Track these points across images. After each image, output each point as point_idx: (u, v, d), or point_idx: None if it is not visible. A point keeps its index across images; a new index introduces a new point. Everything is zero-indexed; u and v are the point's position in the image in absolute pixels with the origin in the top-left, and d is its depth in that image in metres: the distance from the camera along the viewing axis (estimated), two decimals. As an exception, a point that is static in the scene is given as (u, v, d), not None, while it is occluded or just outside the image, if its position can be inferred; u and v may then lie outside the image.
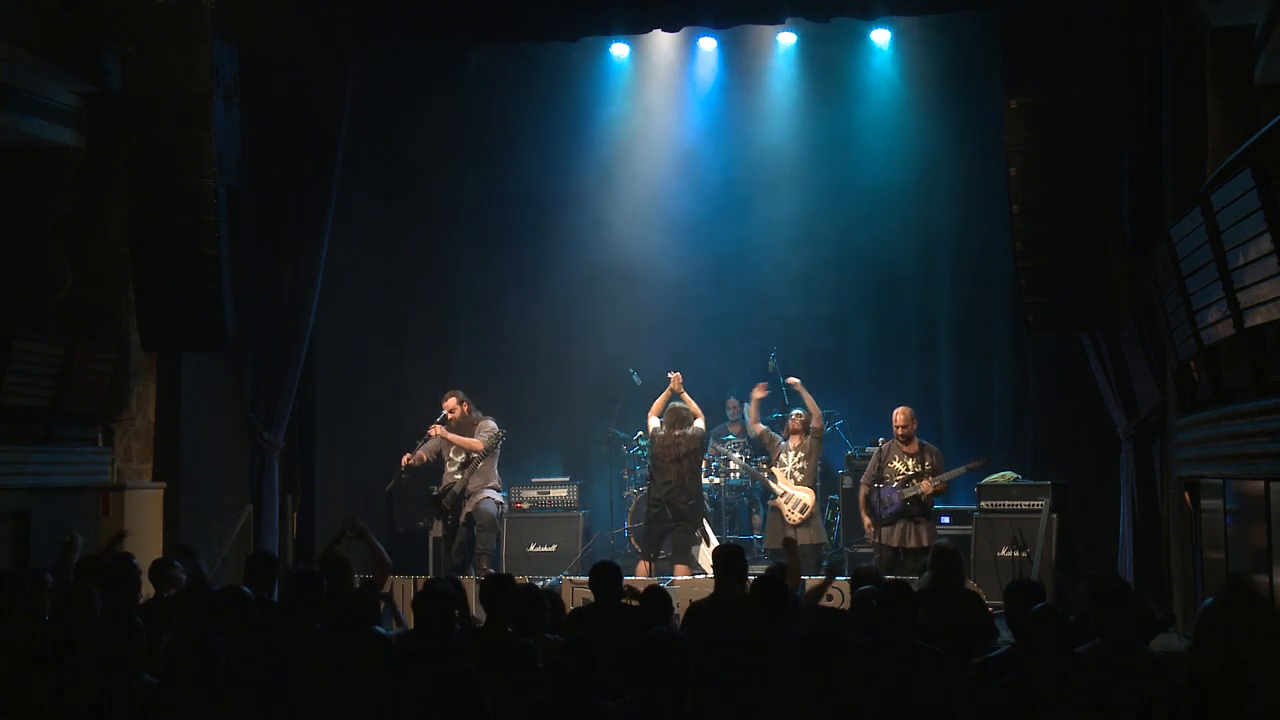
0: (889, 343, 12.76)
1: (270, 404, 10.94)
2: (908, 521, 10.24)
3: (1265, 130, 6.64)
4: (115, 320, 10.51)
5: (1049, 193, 9.34)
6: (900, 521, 10.24)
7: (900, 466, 10.32)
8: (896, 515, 10.24)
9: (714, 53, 12.78)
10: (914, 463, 10.31)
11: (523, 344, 12.89)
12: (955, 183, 12.18)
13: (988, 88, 10.38)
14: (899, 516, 10.24)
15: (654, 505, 10.60)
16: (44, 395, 9.58)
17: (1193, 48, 9.13)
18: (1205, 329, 7.12)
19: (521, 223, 13.01)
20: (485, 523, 10.70)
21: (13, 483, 9.27)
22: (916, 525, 10.24)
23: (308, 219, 10.90)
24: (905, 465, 10.32)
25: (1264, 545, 6.76)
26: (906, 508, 10.22)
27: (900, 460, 10.35)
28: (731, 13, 10.65)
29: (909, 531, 10.21)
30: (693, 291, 12.68)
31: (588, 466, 12.84)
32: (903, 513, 10.23)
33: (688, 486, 10.52)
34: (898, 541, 10.22)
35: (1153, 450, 9.81)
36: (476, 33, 11.09)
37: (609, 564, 6.92)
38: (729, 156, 12.75)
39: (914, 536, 10.20)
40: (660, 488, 10.55)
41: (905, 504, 10.22)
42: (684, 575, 10.31)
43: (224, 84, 9.79)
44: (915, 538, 10.19)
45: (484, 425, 10.89)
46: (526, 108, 12.84)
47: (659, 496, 10.55)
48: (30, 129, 10.19)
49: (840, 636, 3.88)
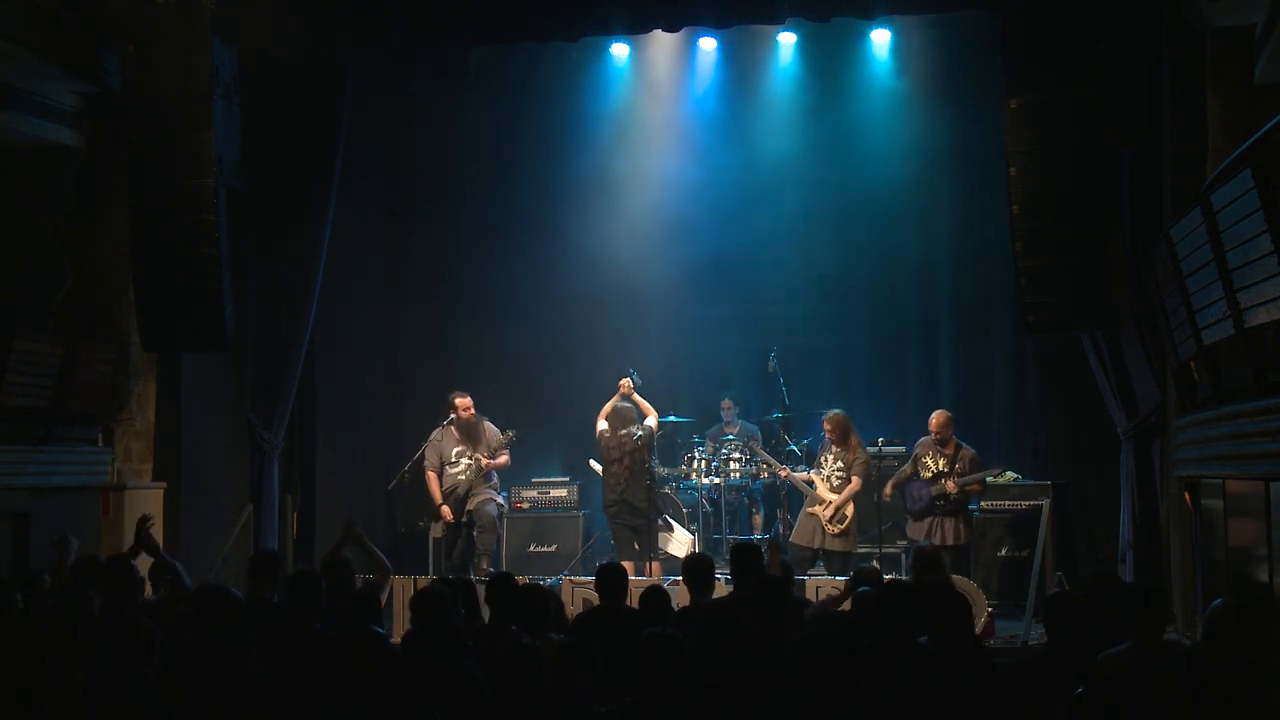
0: (889, 343, 12.75)
1: (270, 404, 10.94)
2: (935, 518, 10.26)
3: (1265, 130, 6.63)
4: (115, 320, 10.51)
5: (1049, 193, 9.34)
6: (928, 518, 10.27)
7: (931, 464, 10.37)
8: (925, 511, 10.27)
9: (714, 53, 12.77)
10: (945, 462, 10.33)
11: (523, 344, 12.89)
12: (955, 182, 12.17)
13: (988, 88, 10.38)
14: (927, 512, 10.27)
15: (610, 507, 10.79)
16: (44, 395, 9.58)
17: (1193, 48, 9.12)
18: (1205, 329, 7.12)
19: (521, 222, 13.01)
20: (486, 523, 10.71)
21: (13, 483, 9.28)
22: (944, 522, 10.26)
23: (308, 219, 10.90)
24: (937, 464, 10.35)
25: (1264, 545, 6.76)
26: (935, 504, 10.25)
27: (933, 458, 10.38)
28: (731, 13, 10.65)
29: (935, 527, 10.24)
30: (693, 291, 12.67)
31: (588, 466, 12.82)
32: (930, 509, 10.27)
33: (637, 483, 10.60)
34: (924, 536, 10.24)
35: (1153, 450, 9.81)
36: (476, 33, 11.08)
37: (615, 565, 6.92)
38: (729, 157, 12.72)
39: (940, 533, 10.22)
40: (612, 489, 10.72)
41: (934, 501, 10.25)
42: (659, 573, 10.39)
43: (224, 84, 9.79)
44: (941, 534, 10.21)
45: (491, 431, 10.91)
46: (526, 107, 12.83)
47: (613, 498, 10.72)
48: (30, 129, 10.19)
49: (843, 639, 3.89)
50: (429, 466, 10.90)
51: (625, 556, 10.61)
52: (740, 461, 11.72)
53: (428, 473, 10.89)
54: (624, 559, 10.54)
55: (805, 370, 12.66)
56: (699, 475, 11.73)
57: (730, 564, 6.92)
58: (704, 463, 11.76)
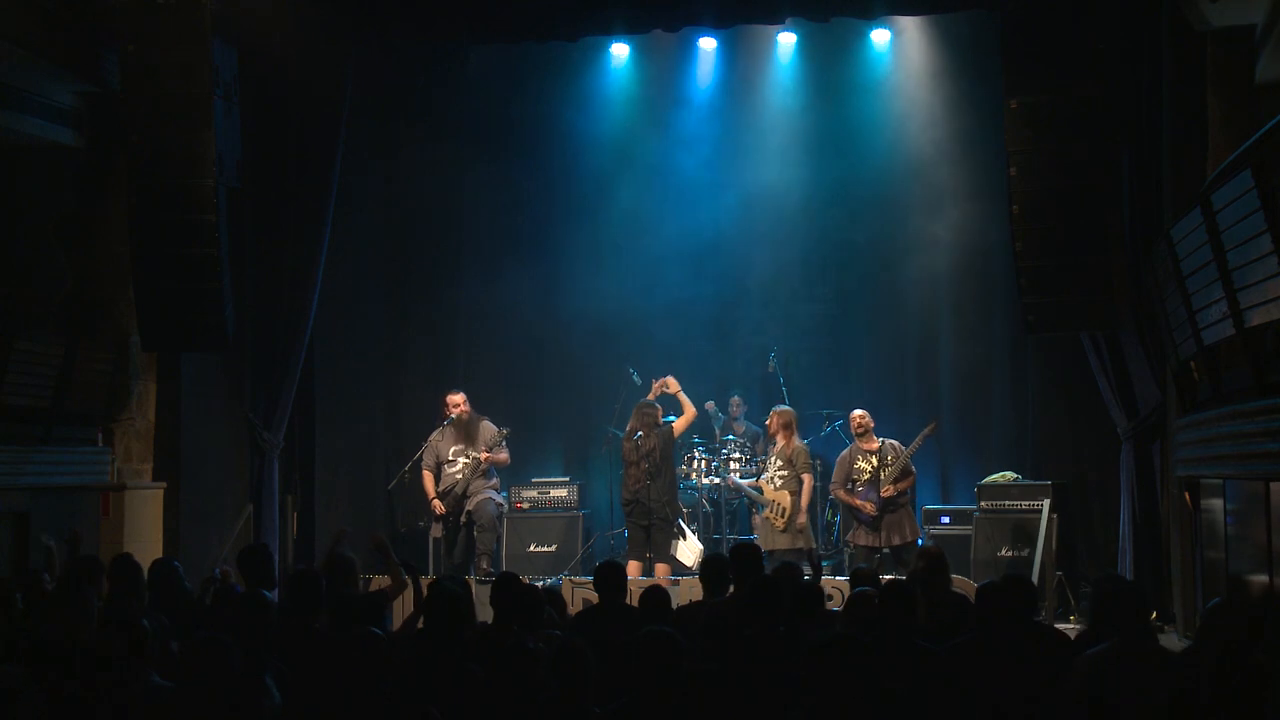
0: (889, 343, 12.75)
1: (270, 404, 10.94)
2: (888, 518, 10.27)
3: (1265, 130, 6.64)
4: (115, 320, 10.51)
5: (1049, 193, 9.34)
6: (883, 520, 10.27)
7: (865, 466, 10.36)
8: (878, 517, 10.27)
9: (714, 53, 12.77)
10: (876, 460, 10.34)
11: (523, 343, 12.88)
12: (955, 182, 12.17)
13: (988, 88, 10.38)
14: (880, 517, 10.27)
15: (626, 505, 10.72)
16: (44, 395, 9.58)
17: (1193, 48, 9.13)
18: (1205, 329, 7.12)
19: (521, 222, 13.01)
20: (485, 523, 10.72)
21: (13, 483, 9.27)
22: (898, 520, 10.28)
23: (308, 219, 10.89)
24: (870, 464, 10.35)
25: (1264, 545, 6.76)
26: (883, 508, 10.26)
27: (864, 460, 10.39)
28: (731, 13, 10.66)
29: (893, 529, 10.25)
30: (692, 291, 12.66)
31: (588, 466, 12.83)
32: (881, 513, 10.26)
33: (655, 485, 10.54)
34: (883, 542, 10.26)
35: (1153, 450, 9.81)
36: (476, 33, 11.08)
37: (614, 564, 6.93)
38: (728, 156, 12.73)
39: (898, 533, 10.24)
40: (629, 489, 10.66)
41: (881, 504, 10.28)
42: (664, 574, 10.37)
43: (224, 84, 9.78)
44: (899, 534, 10.23)
45: (488, 428, 10.92)
46: (526, 107, 12.83)
47: (629, 497, 10.65)
48: (30, 129, 10.18)
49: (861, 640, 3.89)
50: (425, 466, 10.94)
51: (634, 556, 10.60)
52: (740, 462, 11.73)
53: (424, 471, 10.93)
54: (632, 558, 10.55)
55: (805, 370, 12.66)
56: (699, 475, 11.73)
57: (730, 564, 6.93)
58: (704, 462, 11.77)
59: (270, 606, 5.73)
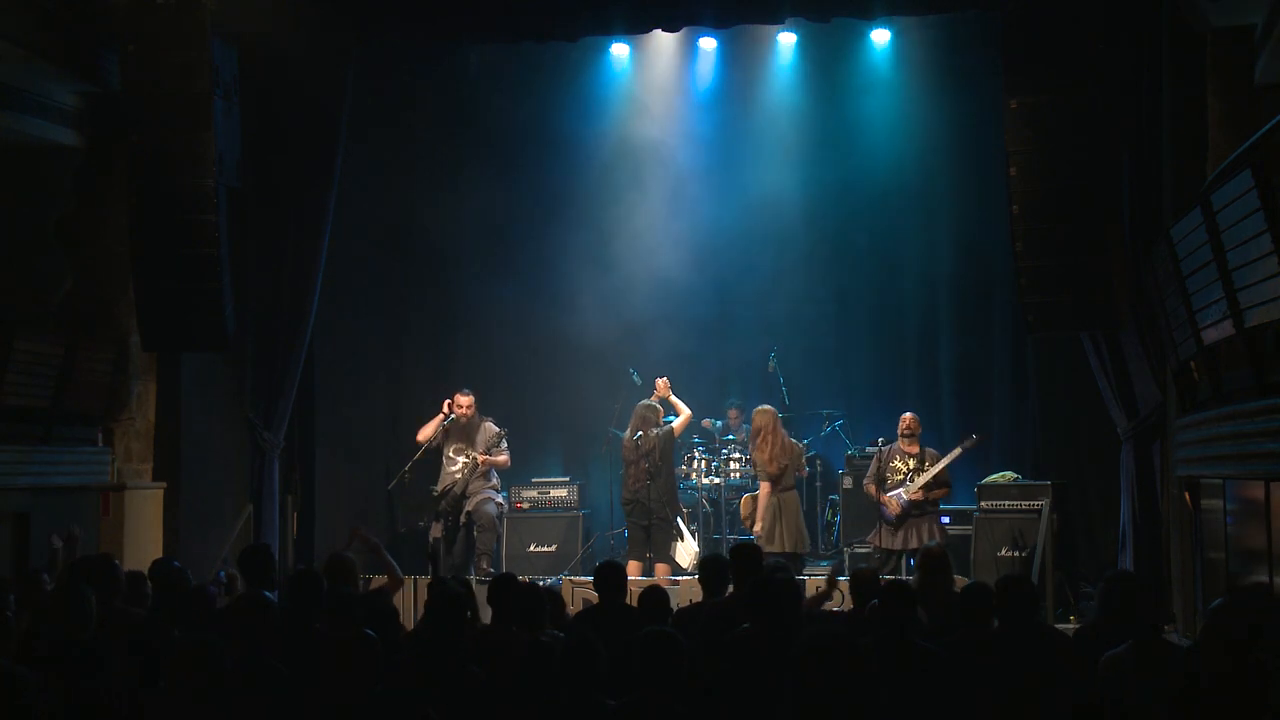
0: (889, 342, 12.75)
1: (270, 404, 10.94)
2: (911, 522, 10.27)
3: (1265, 130, 6.64)
4: (115, 320, 10.51)
5: (1049, 193, 9.34)
6: (905, 523, 10.28)
7: (901, 466, 10.38)
8: (901, 518, 10.28)
9: (714, 53, 12.77)
10: (914, 462, 10.35)
11: (523, 344, 12.87)
12: (955, 183, 12.17)
13: (988, 88, 10.38)
14: (904, 519, 10.28)
15: (626, 504, 10.78)
16: (44, 395, 9.58)
17: (1193, 48, 9.12)
18: (1205, 329, 7.11)
19: (521, 222, 12.99)
20: (485, 523, 10.72)
21: (13, 483, 9.26)
22: (921, 525, 10.28)
23: (308, 219, 10.90)
24: (906, 465, 10.37)
25: (1264, 545, 6.76)
26: (908, 511, 10.26)
27: (902, 460, 10.40)
28: (731, 13, 10.66)
29: (912, 532, 10.25)
30: (692, 291, 12.66)
31: (588, 466, 12.83)
32: (906, 515, 10.28)
33: (655, 484, 10.57)
34: (900, 544, 10.26)
35: (1153, 450, 9.81)
36: (476, 33, 11.09)
37: (614, 564, 6.93)
38: (728, 157, 12.73)
39: (916, 537, 10.24)
40: (628, 489, 10.71)
41: (908, 507, 10.27)
42: (664, 574, 10.38)
43: (224, 84, 9.79)
44: (918, 538, 10.23)
45: (488, 429, 10.92)
46: (526, 108, 12.83)
47: (629, 497, 10.72)
48: (30, 129, 10.17)
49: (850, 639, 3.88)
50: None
51: (634, 556, 10.63)
52: (740, 462, 11.73)
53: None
54: (632, 558, 10.57)
55: (805, 370, 12.65)
56: (699, 475, 11.74)
57: (730, 564, 6.93)
58: (704, 463, 11.78)
59: (270, 606, 5.72)
